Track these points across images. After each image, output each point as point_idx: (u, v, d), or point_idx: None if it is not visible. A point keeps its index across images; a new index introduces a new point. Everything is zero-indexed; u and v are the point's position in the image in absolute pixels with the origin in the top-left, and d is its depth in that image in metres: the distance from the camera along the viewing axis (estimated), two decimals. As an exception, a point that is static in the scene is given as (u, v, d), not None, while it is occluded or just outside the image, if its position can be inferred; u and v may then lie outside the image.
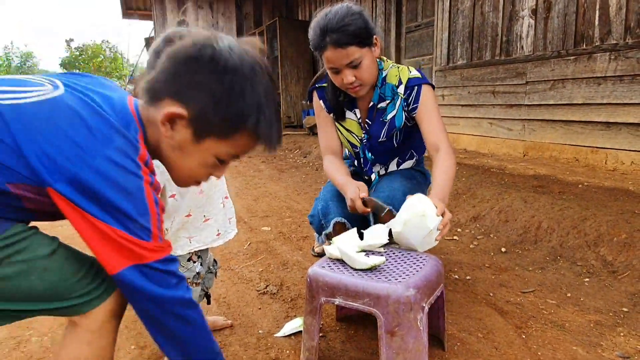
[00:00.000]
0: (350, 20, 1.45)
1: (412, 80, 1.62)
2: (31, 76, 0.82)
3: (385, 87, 1.64)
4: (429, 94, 1.61)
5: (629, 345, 1.38)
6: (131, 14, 11.08)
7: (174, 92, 0.78)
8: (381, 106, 1.66)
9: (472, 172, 3.42)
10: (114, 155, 0.72)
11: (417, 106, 1.61)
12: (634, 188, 2.66)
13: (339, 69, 1.51)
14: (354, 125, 1.73)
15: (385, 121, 1.67)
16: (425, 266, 1.21)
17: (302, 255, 2.23)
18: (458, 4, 4.81)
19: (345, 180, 1.55)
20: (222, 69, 0.77)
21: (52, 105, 0.73)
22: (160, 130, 0.80)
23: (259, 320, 1.58)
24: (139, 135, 0.78)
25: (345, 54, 1.47)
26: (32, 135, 0.69)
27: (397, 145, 1.74)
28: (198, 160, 0.85)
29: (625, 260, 1.90)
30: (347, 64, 1.49)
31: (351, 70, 1.50)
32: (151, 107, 0.81)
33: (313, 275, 1.21)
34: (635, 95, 3.10)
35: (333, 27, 1.44)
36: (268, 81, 0.82)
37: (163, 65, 0.80)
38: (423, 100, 1.60)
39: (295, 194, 3.67)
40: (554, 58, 3.74)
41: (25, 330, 1.54)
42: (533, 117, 3.99)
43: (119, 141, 0.74)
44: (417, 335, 1.09)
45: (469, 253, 2.25)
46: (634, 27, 3.10)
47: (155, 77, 0.81)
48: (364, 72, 1.52)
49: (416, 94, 1.61)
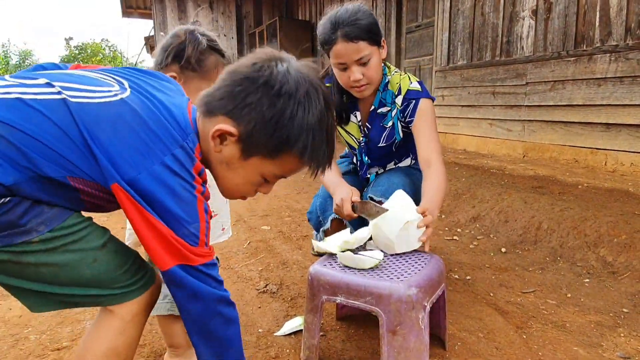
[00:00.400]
0: (363, 16, 1.45)
1: (411, 92, 1.59)
2: (101, 74, 0.85)
3: (386, 93, 1.62)
4: (426, 108, 1.57)
5: (629, 346, 1.37)
6: (131, 12, 11.05)
7: (228, 110, 0.82)
8: (381, 111, 1.65)
9: (472, 173, 3.42)
10: (171, 163, 0.76)
11: (413, 120, 1.58)
12: (633, 189, 2.66)
13: (347, 65, 1.49)
14: (354, 128, 1.73)
15: (385, 127, 1.66)
16: (427, 265, 1.21)
17: (302, 255, 2.23)
18: (458, 4, 4.81)
19: (337, 181, 1.51)
20: (276, 92, 0.80)
21: (118, 109, 0.77)
22: (210, 144, 0.84)
23: (258, 319, 1.58)
24: (196, 147, 0.83)
25: (356, 49, 1.45)
26: (97, 135, 0.73)
27: (396, 150, 1.74)
28: (243, 177, 0.89)
29: (626, 261, 1.90)
30: (357, 60, 1.47)
31: (359, 67, 1.49)
32: (206, 120, 0.85)
33: (314, 274, 1.20)
34: (635, 96, 3.10)
35: (345, 21, 1.44)
36: (323, 107, 0.84)
37: (222, 81, 0.85)
38: (420, 114, 1.57)
39: (295, 194, 3.66)
40: (554, 59, 3.74)
41: (23, 328, 1.53)
42: (533, 118, 3.99)
43: (178, 151, 0.78)
44: (418, 334, 1.09)
45: (469, 253, 2.25)
46: (634, 29, 3.11)
47: (213, 92, 0.85)
48: (372, 71, 1.51)
49: (413, 107, 1.58)
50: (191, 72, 1.20)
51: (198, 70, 1.20)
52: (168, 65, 1.19)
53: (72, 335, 1.48)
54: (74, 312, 1.63)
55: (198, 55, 1.19)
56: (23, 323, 1.56)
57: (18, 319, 1.60)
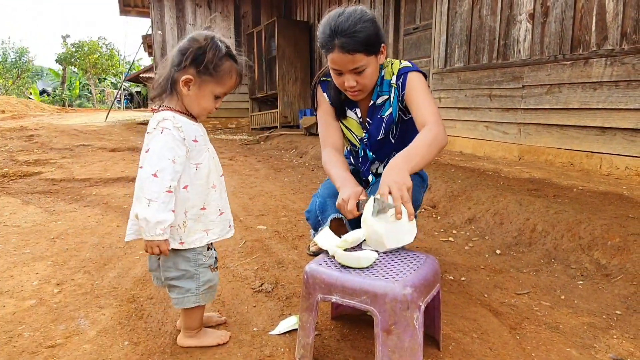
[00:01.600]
0: (362, 27, 1.43)
1: (402, 69, 1.62)
2: None
3: (383, 84, 1.65)
4: (416, 78, 1.58)
5: (622, 348, 1.38)
6: (128, 10, 11.03)
7: None
8: (379, 102, 1.66)
9: (468, 175, 3.43)
10: None
11: (404, 93, 1.60)
12: (628, 193, 2.68)
13: (342, 72, 1.51)
14: (354, 125, 1.74)
15: (382, 117, 1.67)
16: (423, 265, 1.21)
17: (297, 254, 2.23)
18: (456, 7, 4.83)
19: (344, 177, 1.48)
20: None
21: None
22: None
23: (253, 318, 1.58)
24: None
25: (352, 60, 1.46)
26: None
27: (394, 140, 1.74)
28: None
29: (619, 264, 1.91)
30: (352, 69, 1.49)
31: (354, 76, 1.50)
32: None
33: (310, 272, 1.21)
34: (630, 100, 3.13)
35: (344, 31, 1.42)
36: None
37: None
38: (410, 85, 1.58)
39: (291, 194, 3.66)
40: (550, 62, 3.76)
41: (17, 325, 1.52)
42: (529, 120, 4.01)
43: None
44: (413, 334, 1.09)
45: (464, 254, 2.26)
46: (630, 33, 3.13)
47: None
48: (366, 79, 1.52)
49: (403, 81, 1.60)
50: (207, 77, 1.25)
51: (214, 75, 1.25)
52: (185, 68, 1.23)
53: (66, 332, 1.47)
54: (68, 310, 1.63)
55: (217, 61, 1.23)
56: (17, 320, 1.56)
57: (12, 315, 1.59)
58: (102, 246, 2.31)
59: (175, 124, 1.22)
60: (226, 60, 1.26)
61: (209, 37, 1.24)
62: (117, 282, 1.89)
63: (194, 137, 1.27)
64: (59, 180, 4.15)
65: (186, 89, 1.24)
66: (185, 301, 1.32)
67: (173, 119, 1.22)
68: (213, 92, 1.28)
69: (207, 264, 1.35)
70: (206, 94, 1.27)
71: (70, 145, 6.71)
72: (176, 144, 1.21)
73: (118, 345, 1.40)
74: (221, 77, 1.26)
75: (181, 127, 1.23)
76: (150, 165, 1.18)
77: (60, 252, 2.23)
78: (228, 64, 1.26)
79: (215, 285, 1.39)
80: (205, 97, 1.27)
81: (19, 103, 17.75)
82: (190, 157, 1.26)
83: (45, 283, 1.87)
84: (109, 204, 3.27)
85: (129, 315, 1.59)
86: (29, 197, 3.48)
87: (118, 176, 4.35)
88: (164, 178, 1.18)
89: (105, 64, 28.46)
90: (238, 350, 1.36)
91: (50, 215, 2.94)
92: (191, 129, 1.27)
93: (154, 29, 9.58)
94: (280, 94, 8.70)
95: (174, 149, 1.20)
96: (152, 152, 1.20)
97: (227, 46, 1.27)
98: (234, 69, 1.28)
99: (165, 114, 1.23)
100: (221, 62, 1.24)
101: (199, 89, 1.25)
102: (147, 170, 1.18)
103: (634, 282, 1.79)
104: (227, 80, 1.28)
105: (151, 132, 1.23)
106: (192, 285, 1.32)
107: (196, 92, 1.26)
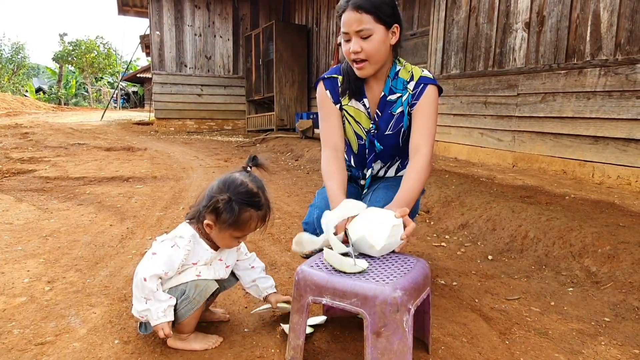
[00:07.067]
0: None
1: (423, 78, 1.63)
2: None
3: (397, 81, 1.64)
4: (432, 96, 1.60)
5: (609, 354, 1.40)
6: (127, 10, 11.02)
7: None
8: (391, 99, 1.65)
9: (462, 181, 3.45)
10: None
11: (417, 103, 1.61)
12: (619, 201, 2.71)
13: (349, 35, 1.52)
14: (362, 117, 1.70)
15: (393, 114, 1.66)
16: (413, 269, 1.22)
17: (290, 257, 2.23)
18: (453, 14, 4.87)
19: (336, 198, 1.50)
20: None
21: None
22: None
23: (244, 319, 1.58)
24: None
25: (359, 19, 1.48)
26: None
27: (402, 144, 1.72)
28: None
29: (609, 272, 1.93)
30: (357, 31, 1.49)
31: (359, 40, 1.51)
32: None
33: (301, 274, 1.21)
34: (622, 110, 3.16)
35: None
36: None
37: None
38: (424, 99, 1.60)
39: (286, 196, 3.67)
40: (545, 71, 3.80)
41: (7, 322, 1.52)
42: (523, 128, 4.04)
43: None
44: (402, 336, 1.10)
45: (456, 260, 2.27)
46: (623, 44, 3.17)
47: None
48: (371, 47, 1.51)
49: (421, 90, 1.61)
50: (226, 225, 1.32)
51: (232, 225, 1.32)
52: (207, 213, 1.32)
53: (56, 330, 1.47)
54: (59, 307, 1.62)
55: (233, 218, 1.30)
56: (7, 317, 1.55)
57: (1, 312, 1.58)
58: (95, 245, 2.31)
59: (186, 246, 1.33)
60: (245, 211, 1.31)
61: (225, 200, 1.29)
62: (109, 281, 1.88)
63: (196, 261, 1.37)
64: (53, 178, 4.13)
65: (208, 229, 1.34)
66: (185, 312, 1.36)
67: (189, 242, 1.34)
68: (232, 236, 1.35)
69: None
70: (225, 237, 1.35)
71: (65, 143, 6.68)
72: (177, 260, 1.32)
73: (108, 344, 1.39)
74: (239, 225, 1.32)
75: (190, 251, 1.35)
76: (144, 269, 1.29)
77: (52, 250, 2.22)
78: (247, 214, 1.32)
79: (204, 282, 1.37)
80: (225, 239, 1.37)
81: (14, 100, 17.66)
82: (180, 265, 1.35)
83: (37, 280, 1.86)
84: (102, 202, 3.26)
85: (120, 314, 1.59)
86: (22, 195, 3.46)
87: (112, 175, 4.34)
88: (152, 282, 1.29)
89: (102, 63, 28.39)
90: (229, 351, 1.37)
91: (43, 213, 2.93)
92: (201, 254, 1.38)
93: (152, 29, 9.57)
94: (277, 96, 8.72)
95: (173, 264, 1.31)
96: (155, 258, 1.31)
97: (250, 194, 1.31)
98: (254, 217, 1.33)
99: (187, 233, 1.36)
100: (240, 214, 1.30)
101: (219, 232, 1.34)
102: (141, 275, 1.28)
103: (622, 289, 1.81)
104: (246, 227, 1.34)
105: (167, 240, 1.35)
106: (185, 298, 1.36)
107: (216, 234, 1.35)
